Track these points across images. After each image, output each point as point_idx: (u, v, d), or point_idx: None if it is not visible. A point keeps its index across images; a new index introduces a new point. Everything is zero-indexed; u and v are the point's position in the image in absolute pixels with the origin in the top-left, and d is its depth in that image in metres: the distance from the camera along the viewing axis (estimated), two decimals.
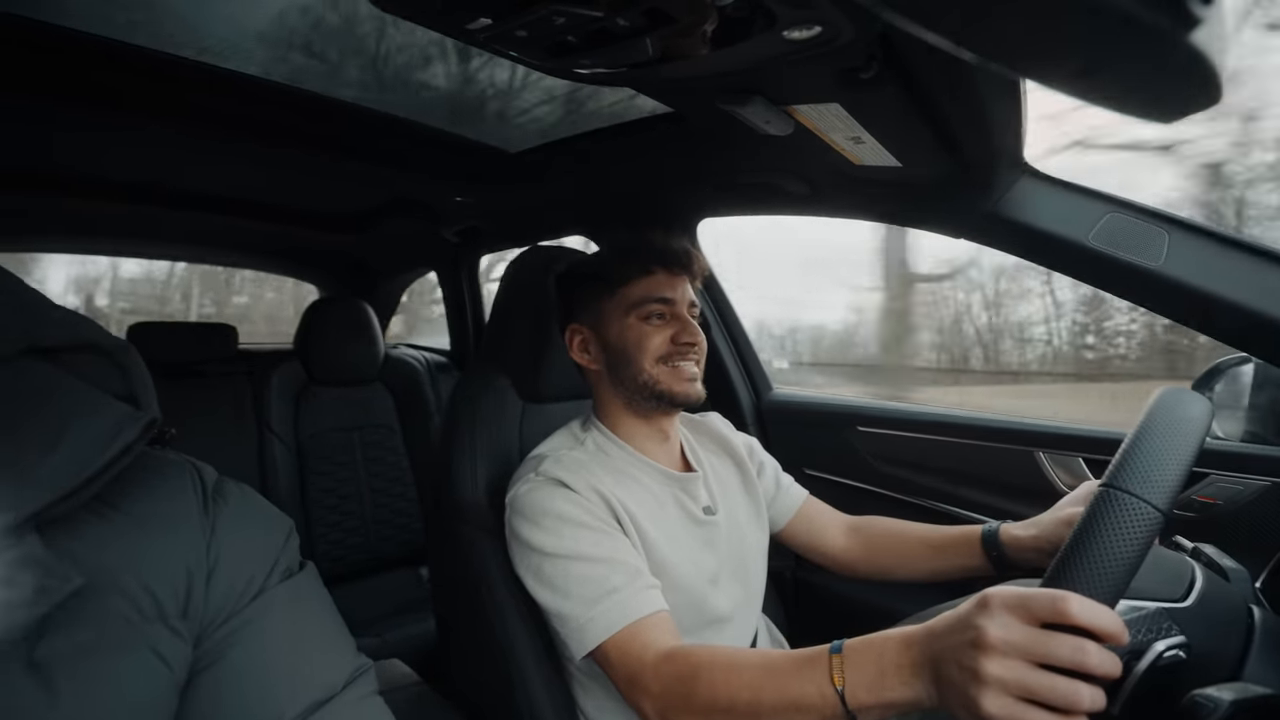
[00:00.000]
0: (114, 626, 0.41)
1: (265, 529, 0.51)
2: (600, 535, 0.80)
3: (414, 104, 1.17)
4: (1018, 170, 0.94)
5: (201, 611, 0.45)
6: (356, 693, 0.49)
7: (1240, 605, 0.65)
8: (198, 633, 0.45)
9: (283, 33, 0.93)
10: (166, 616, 0.43)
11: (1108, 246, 0.88)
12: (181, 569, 0.44)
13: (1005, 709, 0.47)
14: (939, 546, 0.97)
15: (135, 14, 0.87)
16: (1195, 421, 0.56)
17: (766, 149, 0.93)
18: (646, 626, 0.74)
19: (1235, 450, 0.97)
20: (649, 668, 0.70)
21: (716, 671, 0.65)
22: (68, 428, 0.41)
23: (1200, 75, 0.30)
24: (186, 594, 0.44)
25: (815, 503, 1.12)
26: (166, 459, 0.49)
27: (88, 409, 0.44)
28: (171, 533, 0.45)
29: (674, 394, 0.90)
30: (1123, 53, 0.30)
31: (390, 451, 2.12)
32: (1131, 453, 0.55)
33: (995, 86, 0.70)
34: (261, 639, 0.46)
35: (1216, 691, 0.52)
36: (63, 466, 0.40)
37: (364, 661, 0.52)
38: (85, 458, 0.41)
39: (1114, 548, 0.51)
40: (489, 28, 0.59)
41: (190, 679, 0.44)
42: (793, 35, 0.58)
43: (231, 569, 0.47)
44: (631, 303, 0.91)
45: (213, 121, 1.14)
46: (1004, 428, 1.20)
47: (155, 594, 0.43)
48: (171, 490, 0.47)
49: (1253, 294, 0.80)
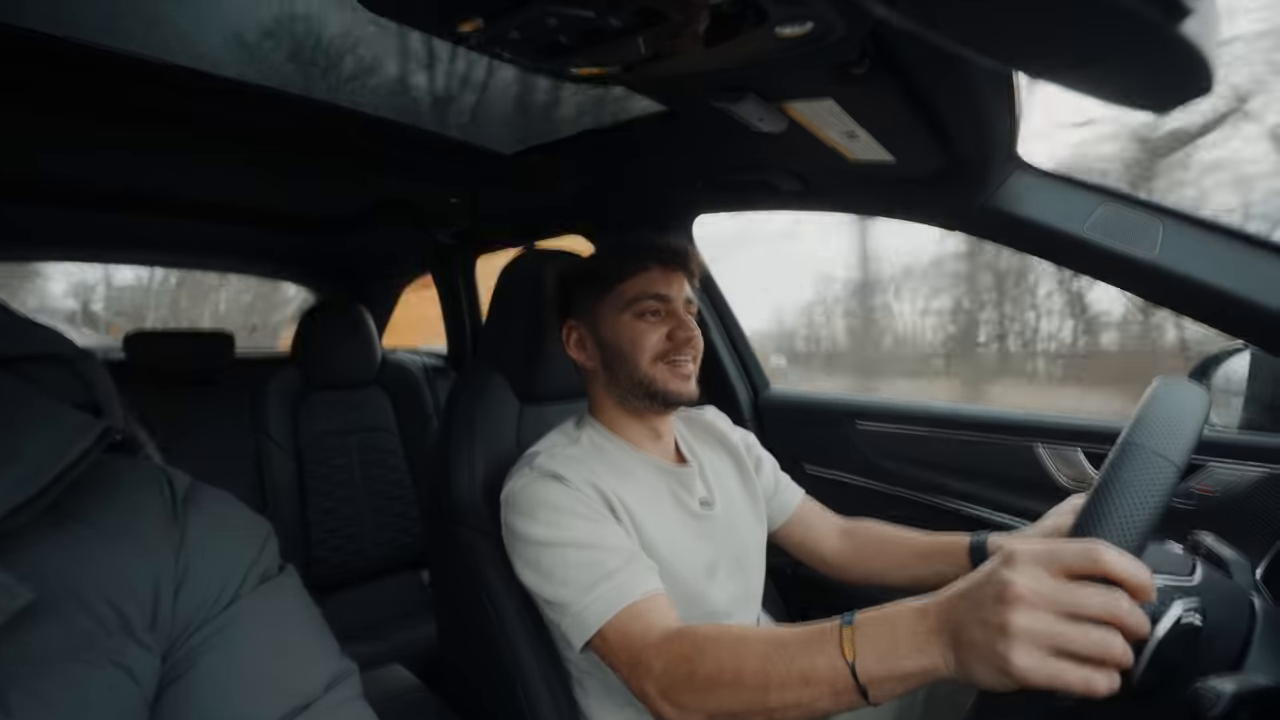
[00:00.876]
0: (74, 641, 0.39)
1: (239, 535, 0.49)
2: (594, 523, 0.80)
3: (407, 106, 1.17)
4: (1012, 163, 0.94)
5: (170, 623, 0.43)
6: (337, 698, 0.48)
7: (1241, 595, 0.65)
8: (166, 645, 0.43)
9: (275, 37, 0.93)
10: (133, 630, 0.42)
11: (1102, 238, 0.89)
12: (148, 581, 0.43)
13: (1037, 662, 0.45)
14: (926, 555, 0.97)
15: (126, 20, 0.87)
16: (1196, 400, 0.59)
17: (760, 146, 0.93)
18: (646, 608, 0.73)
19: (1232, 439, 0.98)
20: (651, 647, 0.68)
21: (721, 646, 0.63)
22: (21, 440, 0.40)
23: (1192, 65, 0.30)
24: (154, 606, 0.43)
25: (811, 503, 1.12)
26: (133, 467, 0.48)
27: (43, 419, 0.43)
28: (136, 543, 0.44)
29: (669, 392, 0.90)
30: (1116, 44, 0.29)
31: (389, 455, 2.11)
32: (1147, 417, 0.57)
33: (988, 80, 0.70)
34: (233, 647, 0.45)
35: (1218, 682, 0.52)
36: (15, 480, 0.39)
37: (347, 665, 0.50)
38: (38, 468, 0.39)
39: (1139, 498, 0.52)
40: (481, 30, 0.58)
41: (159, 692, 0.42)
42: (785, 32, 0.58)
43: (202, 578, 0.45)
44: (627, 300, 0.91)
45: (206, 127, 1.13)
46: (1003, 421, 1.20)
47: (119, 607, 0.41)
48: (136, 499, 0.46)
49: (1247, 283, 0.81)
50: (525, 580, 0.82)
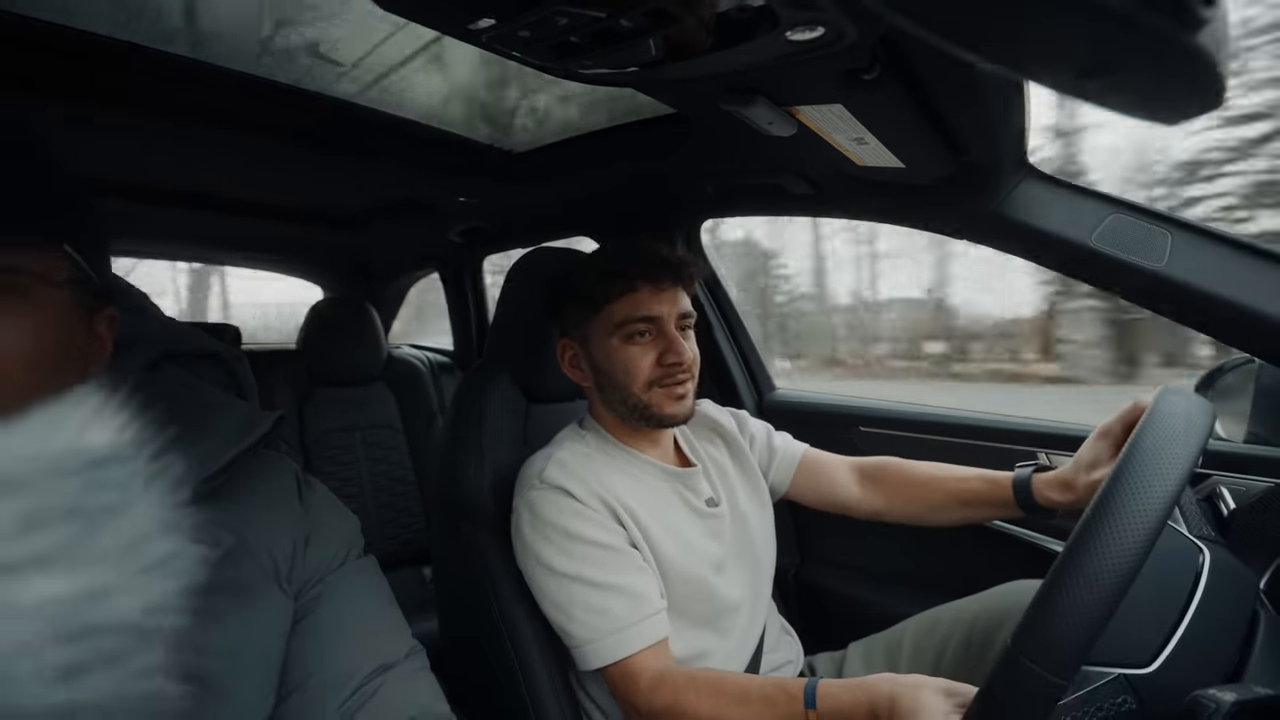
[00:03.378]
0: (249, 580, 0.52)
1: (342, 514, 0.63)
2: (605, 555, 0.82)
3: (417, 104, 1.18)
4: (1021, 171, 0.94)
5: (301, 573, 0.56)
6: (415, 664, 0.60)
7: (1244, 606, 0.65)
8: (297, 590, 0.55)
9: (286, 32, 0.93)
10: (280, 577, 0.54)
11: (1110, 247, 0.88)
12: (289, 539, 0.55)
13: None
14: (968, 501, 0.95)
15: (133, 12, 0.87)
16: (1203, 412, 0.59)
17: (769, 149, 0.93)
18: (643, 657, 0.79)
19: (1238, 451, 0.97)
20: (641, 693, 0.78)
21: (702, 696, 0.75)
22: (211, 419, 0.52)
23: (1204, 77, 0.30)
24: (291, 559, 0.55)
25: (816, 454, 1.10)
26: (270, 454, 0.60)
27: (222, 404, 0.55)
28: (282, 511, 0.57)
29: (664, 416, 0.90)
30: (1127, 55, 0.30)
31: (393, 451, 2.12)
32: (1031, 619, 0.55)
33: (998, 88, 0.70)
34: (343, 602, 0.57)
35: (1219, 692, 0.52)
36: (213, 449, 0.50)
37: (417, 642, 0.62)
38: (229, 442, 0.51)
39: None
40: (492, 28, 0.59)
41: (292, 627, 0.54)
42: (796, 37, 0.58)
43: (322, 540, 0.58)
44: (616, 323, 0.88)
45: (215, 120, 1.13)
46: (1007, 428, 1.20)
47: (275, 558, 0.54)
48: (280, 478, 0.59)
49: (1255, 295, 0.80)
50: (533, 591, 0.85)
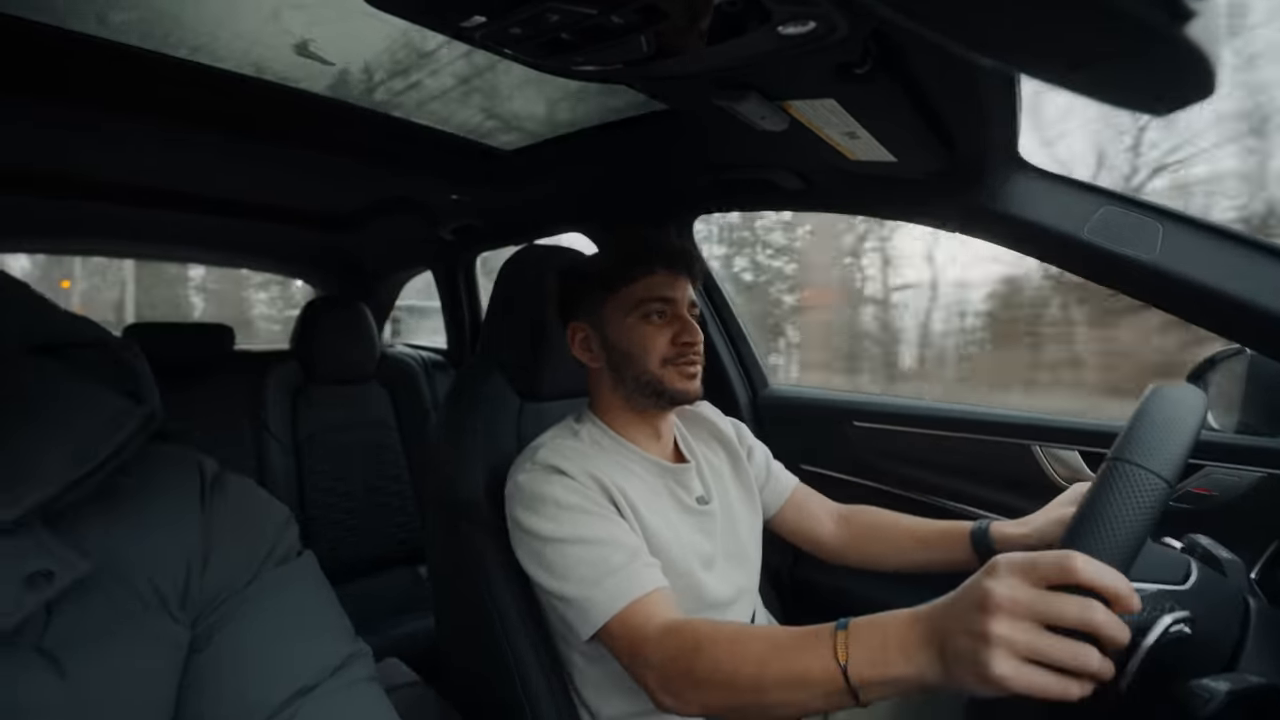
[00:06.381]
0: (118, 614, 0.42)
1: (259, 518, 0.53)
2: (597, 518, 0.82)
3: (409, 102, 1.17)
4: (1012, 164, 0.95)
5: (198, 598, 0.47)
6: (348, 678, 0.50)
7: (1236, 596, 0.65)
8: (194, 618, 0.46)
9: (276, 31, 0.92)
10: (168, 604, 0.45)
11: (1102, 239, 0.89)
12: (181, 560, 0.46)
13: (1014, 670, 0.47)
14: (926, 540, 0.99)
15: (127, 13, 0.87)
16: (1193, 406, 0.58)
17: (761, 144, 0.93)
18: (648, 602, 0.75)
19: (1230, 441, 0.98)
20: (651, 640, 0.71)
21: (719, 645, 0.66)
22: (71, 422, 0.43)
23: (1195, 68, 0.30)
24: (185, 583, 0.46)
25: (805, 490, 1.13)
26: (170, 453, 0.51)
27: (90, 404, 0.45)
28: (172, 525, 0.47)
29: (676, 392, 0.91)
30: (1118, 46, 0.30)
31: (388, 450, 2.11)
32: (1135, 430, 0.56)
33: (990, 81, 0.70)
34: (248, 623, 0.48)
35: (1213, 681, 0.52)
36: (66, 459, 0.41)
37: (360, 648, 0.52)
38: (87, 450, 0.42)
39: (1122, 514, 0.52)
40: (483, 25, 0.58)
41: (186, 663, 0.45)
42: (787, 31, 0.58)
43: (224, 557, 0.48)
44: (634, 302, 0.91)
45: (205, 120, 1.13)
46: (1001, 421, 1.21)
47: (157, 585, 0.45)
48: (173, 483, 0.49)
49: (1246, 285, 0.81)
50: (530, 573, 0.83)
